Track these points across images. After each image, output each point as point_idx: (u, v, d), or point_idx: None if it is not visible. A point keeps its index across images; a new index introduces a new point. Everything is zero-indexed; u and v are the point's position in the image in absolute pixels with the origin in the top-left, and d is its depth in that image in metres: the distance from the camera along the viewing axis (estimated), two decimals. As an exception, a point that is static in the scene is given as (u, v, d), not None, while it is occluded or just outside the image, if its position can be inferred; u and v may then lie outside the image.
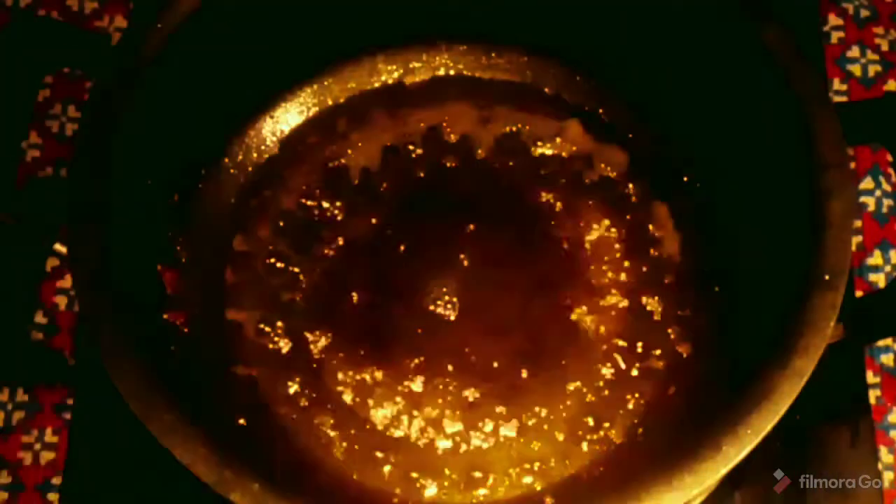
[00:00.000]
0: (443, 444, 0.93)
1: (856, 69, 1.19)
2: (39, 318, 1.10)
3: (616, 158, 1.04)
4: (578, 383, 0.95)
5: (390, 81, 1.09)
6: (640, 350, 0.96)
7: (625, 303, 0.98)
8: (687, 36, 0.97)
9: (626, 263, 1.00)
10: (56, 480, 1.04)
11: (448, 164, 1.04)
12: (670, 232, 1.01)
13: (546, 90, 1.08)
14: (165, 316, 0.95)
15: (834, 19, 1.21)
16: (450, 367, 0.95)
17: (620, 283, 0.99)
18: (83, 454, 1.02)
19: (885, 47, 1.19)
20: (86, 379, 1.05)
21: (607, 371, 0.96)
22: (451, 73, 1.09)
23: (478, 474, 0.92)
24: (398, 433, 0.94)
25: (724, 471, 0.77)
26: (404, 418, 0.94)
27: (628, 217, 1.02)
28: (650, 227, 1.01)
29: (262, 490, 0.77)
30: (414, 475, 0.92)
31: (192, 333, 0.96)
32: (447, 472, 0.92)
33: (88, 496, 1.01)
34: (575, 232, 1.01)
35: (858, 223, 1.12)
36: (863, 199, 1.13)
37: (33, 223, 0.89)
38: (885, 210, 1.13)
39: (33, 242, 0.89)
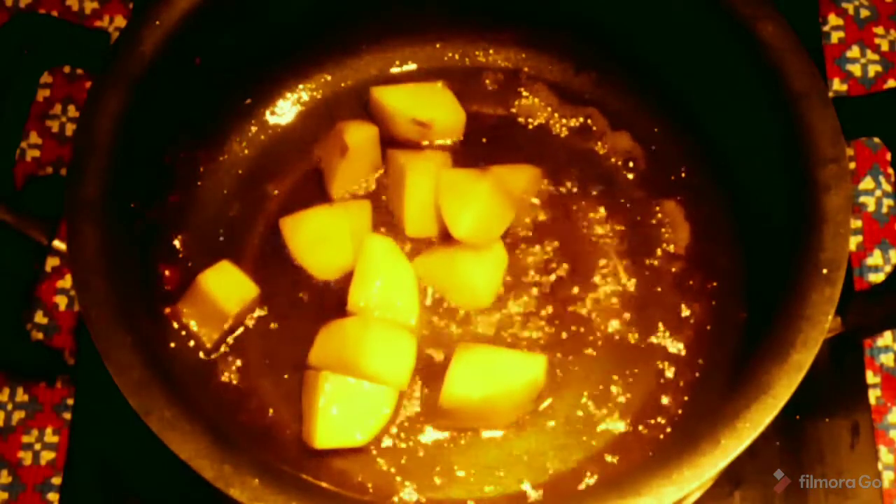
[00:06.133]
0: (443, 440, 0.94)
1: (856, 69, 1.19)
2: (39, 318, 1.10)
3: (620, 148, 1.05)
4: (579, 378, 0.95)
5: (388, 76, 1.09)
6: (640, 344, 0.97)
7: (627, 299, 0.99)
8: (686, 31, 0.98)
9: (631, 257, 1.00)
10: (56, 480, 1.03)
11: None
12: (674, 226, 1.01)
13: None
14: (167, 311, 0.96)
15: (834, 19, 1.21)
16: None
17: (623, 278, 1.00)
18: (83, 454, 1.02)
19: (885, 47, 1.19)
20: (86, 379, 1.04)
21: (608, 366, 0.96)
22: (449, 68, 1.10)
23: (477, 472, 0.92)
24: (390, 432, 0.94)
25: (722, 465, 0.77)
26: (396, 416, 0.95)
27: (632, 208, 1.03)
28: (653, 221, 1.02)
29: (261, 485, 0.77)
30: (397, 475, 0.92)
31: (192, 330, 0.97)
32: (447, 469, 0.93)
33: (88, 496, 1.01)
34: (581, 224, 1.02)
35: (858, 223, 1.12)
36: (863, 199, 1.13)
37: (33, 222, 0.89)
38: (885, 210, 1.13)
39: (33, 242, 0.89)
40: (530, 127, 1.07)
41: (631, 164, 1.05)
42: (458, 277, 0.98)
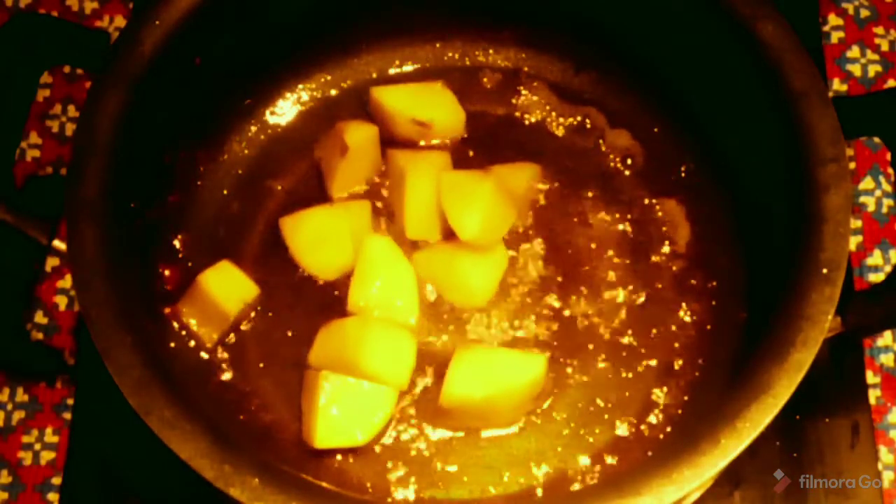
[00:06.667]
0: (443, 440, 0.94)
1: (856, 69, 1.19)
2: (39, 318, 1.09)
3: (620, 147, 1.05)
4: (580, 378, 0.95)
5: (388, 76, 1.09)
6: (640, 345, 0.97)
7: (627, 298, 0.99)
8: (686, 31, 0.98)
9: (631, 256, 1.01)
10: (56, 480, 1.03)
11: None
12: (674, 225, 1.01)
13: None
14: (167, 311, 0.96)
15: (834, 19, 1.21)
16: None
17: (623, 277, 1.00)
18: (83, 454, 1.02)
19: (885, 47, 1.19)
20: (86, 379, 1.04)
21: (608, 366, 0.96)
22: (449, 68, 1.10)
23: (478, 471, 0.92)
24: (390, 432, 0.94)
25: (722, 465, 0.77)
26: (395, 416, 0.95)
27: (632, 208, 1.03)
28: (653, 220, 1.02)
29: (261, 485, 0.77)
30: (397, 474, 0.92)
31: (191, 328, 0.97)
32: (447, 469, 0.93)
33: (88, 496, 1.01)
34: (581, 223, 1.02)
35: (858, 223, 1.12)
36: (863, 199, 1.13)
37: (33, 222, 0.89)
38: (885, 210, 1.13)
39: (33, 242, 0.89)
40: (530, 126, 1.07)
41: (629, 162, 1.05)
42: (456, 276, 0.98)
